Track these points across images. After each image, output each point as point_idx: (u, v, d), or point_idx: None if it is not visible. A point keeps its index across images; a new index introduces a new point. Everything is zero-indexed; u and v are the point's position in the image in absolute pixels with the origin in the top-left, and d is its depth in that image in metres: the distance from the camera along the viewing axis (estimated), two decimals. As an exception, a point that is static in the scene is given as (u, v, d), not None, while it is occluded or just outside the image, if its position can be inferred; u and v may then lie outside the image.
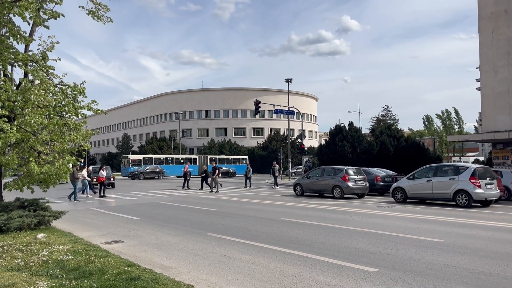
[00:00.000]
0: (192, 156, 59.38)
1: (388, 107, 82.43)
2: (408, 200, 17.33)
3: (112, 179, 28.55)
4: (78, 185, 20.30)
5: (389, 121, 74.34)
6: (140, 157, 52.52)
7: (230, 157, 61.38)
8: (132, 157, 52.70)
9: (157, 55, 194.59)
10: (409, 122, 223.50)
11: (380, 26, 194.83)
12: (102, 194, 21.57)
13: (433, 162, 26.94)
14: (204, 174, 27.56)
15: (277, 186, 29.02)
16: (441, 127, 71.78)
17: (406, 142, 32.15)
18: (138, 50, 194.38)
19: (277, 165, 29.70)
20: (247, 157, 62.47)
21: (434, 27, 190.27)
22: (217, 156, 59.39)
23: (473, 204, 15.32)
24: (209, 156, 57.27)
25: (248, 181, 28.72)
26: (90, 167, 27.87)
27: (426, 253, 7.59)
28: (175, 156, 56.26)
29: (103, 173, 22.13)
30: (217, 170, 25.07)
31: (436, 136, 60.09)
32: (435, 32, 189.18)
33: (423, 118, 75.87)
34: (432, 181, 16.33)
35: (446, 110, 70.56)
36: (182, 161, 53.53)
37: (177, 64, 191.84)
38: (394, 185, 18.26)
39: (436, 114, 72.53)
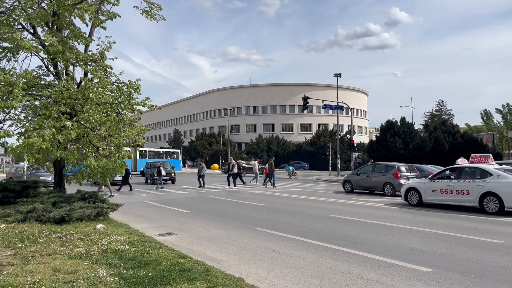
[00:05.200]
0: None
1: (442, 101, 79.03)
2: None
3: (173, 174, 28.95)
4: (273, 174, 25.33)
5: (443, 116, 71.30)
6: None
7: (162, 150, 55.62)
8: None
9: (205, 53, 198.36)
10: (465, 118, 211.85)
11: (433, 17, 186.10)
12: (272, 185, 25.09)
13: (492, 159, 25.48)
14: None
15: (231, 186, 24.78)
16: (502, 122, 67.87)
17: (462, 138, 30.80)
18: (187, 48, 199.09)
19: (233, 161, 25.93)
20: (179, 151, 56.66)
21: (491, 17, 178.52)
22: (147, 149, 51.40)
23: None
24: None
25: (201, 179, 24.55)
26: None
27: (484, 254, 7.24)
28: None
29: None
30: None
31: (496, 132, 56.93)
32: (492, 22, 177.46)
33: (481, 113, 71.99)
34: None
35: (507, 104, 66.57)
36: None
37: (224, 61, 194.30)
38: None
39: (495, 109, 68.70)
